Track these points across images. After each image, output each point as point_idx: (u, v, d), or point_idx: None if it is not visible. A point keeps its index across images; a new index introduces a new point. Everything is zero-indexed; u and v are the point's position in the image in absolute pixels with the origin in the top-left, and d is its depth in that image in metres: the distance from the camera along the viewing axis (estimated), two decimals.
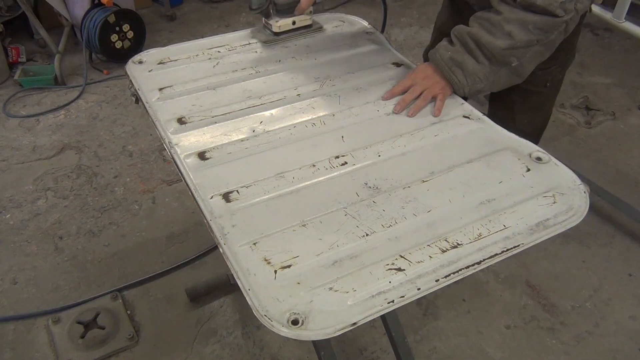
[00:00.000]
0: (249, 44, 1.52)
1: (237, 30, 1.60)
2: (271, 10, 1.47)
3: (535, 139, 1.66)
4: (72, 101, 3.00)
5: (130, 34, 3.29)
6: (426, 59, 1.81)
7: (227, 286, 1.99)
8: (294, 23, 1.51)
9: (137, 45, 3.36)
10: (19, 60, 3.27)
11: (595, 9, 2.38)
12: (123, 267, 2.10)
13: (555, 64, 1.51)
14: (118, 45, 3.26)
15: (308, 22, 1.54)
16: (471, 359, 1.84)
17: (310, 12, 1.52)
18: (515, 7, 1.20)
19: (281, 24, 1.49)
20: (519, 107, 1.59)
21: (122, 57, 3.23)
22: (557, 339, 1.91)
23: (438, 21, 1.76)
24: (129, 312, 1.94)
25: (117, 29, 3.22)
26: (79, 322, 1.87)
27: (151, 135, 2.74)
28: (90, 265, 2.11)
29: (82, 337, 1.83)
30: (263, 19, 1.52)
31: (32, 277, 2.05)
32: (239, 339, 1.87)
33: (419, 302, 1.99)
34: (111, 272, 2.08)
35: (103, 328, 1.85)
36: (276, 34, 1.51)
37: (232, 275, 0.89)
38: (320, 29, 1.58)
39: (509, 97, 1.56)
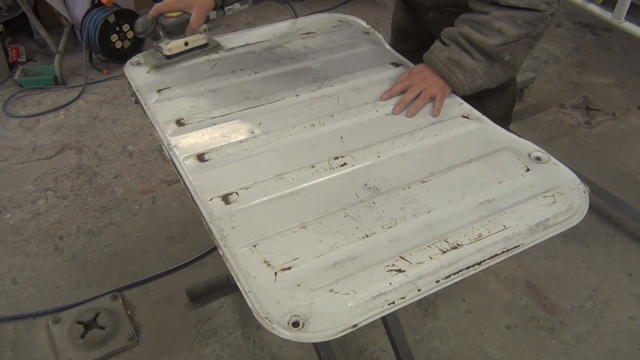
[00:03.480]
0: (247, 44, 1.52)
1: (236, 31, 1.60)
2: (160, 33, 1.38)
3: (506, 120, 1.70)
4: (72, 101, 3.00)
5: (130, 34, 3.29)
6: (392, 28, 1.84)
7: (227, 286, 1.99)
8: (186, 44, 1.42)
9: (137, 45, 3.36)
10: (19, 60, 3.27)
11: (595, 8, 2.38)
12: (123, 267, 2.10)
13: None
14: (118, 45, 3.26)
15: (203, 42, 1.45)
16: (471, 359, 1.85)
17: (205, 30, 1.44)
18: (502, 7, 1.22)
19: (172, 46, 1.40)
20: (486, 92, 1.56)
21: (122, 57, 3.23)
22: (557, 339, 1.91)
23: (394, 21, 1.78)
24: (129, 312, 1.94)
25: (117, 29, 3.21)
26: (79, 322, 1.87)
27: (151, 135, 2.74)
28: (90, 265, 2.11)
29: (82, 337, 1.83)
30: (154, 42, 1.42)
31: (32, 277, 2.05)
32: (239, 339, 1.87)
33: (419, 302, 1.99)
34: (111, 272, 2.08)
35: (103, 328, 1.85)
36: (168, 57, 1.41)
37: (232, 275, 0.89)
38: (217, 47, 1.49)
39: None
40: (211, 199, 1.02)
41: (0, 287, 2.02)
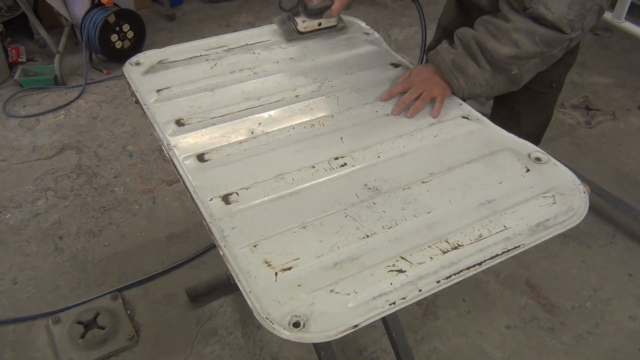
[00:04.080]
0: (247, 44, 1.52)
1: (236, 31, 1.59)
2: (300, 11, 1.47)
3: (537, 140, 1.67)
4: (72, 101, 3.00)
5: (130, 34, 3.29)
6: (438, 27, 1.80)
7: (227, 286, 1.99)
8: (319, 24, 1.51)
9: (137, 45, 3.36)
10: (19, 60, 3.26)
11: None
12: (123, 267, 2.10)
13: (561, 65, 1.51)
14: (118, 45, 3.26)
15: (333, 23, 1.54)
16: (471, 359, 1.85)
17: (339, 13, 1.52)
18: (526, 17, 1.20)
19: (307, 24, 1.49)
20: (524, 108, 1.59)
21: (122, 57, 3.23)
22: (557, 339, 1.91)
23: (443, 20, 1.75)
24: (129, 312, 1.94)
25: (117, 29, 3.21)
26: (79, 322, 1.87)
27: (151, 135, 2.74)
28: (90, 265, 2.11)
29: (82, 337, 1.83)
30: (289, 14, 1.51)
31: (32, 277, 2.05)
32: (239, 339, 1.87)
33: (419, 302, 1.98)
34: (111, 272, 2.08)
35: (103, 328, 1.85)
36: (301, 32, 1.51)
37: (232, 275, 0.89)
38: (344, 27, 1.58)
39: (515, 98, 1.56)
40: (211, 199, 1.02)
41: (0, 287, 2.01)
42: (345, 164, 1.12)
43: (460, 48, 1.28)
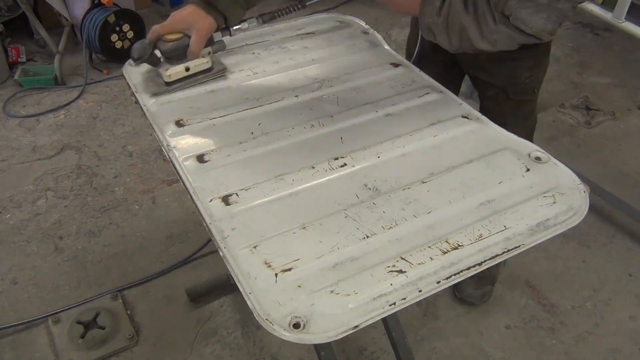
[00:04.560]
0: (246, 45, 1.52)
1: None
2: (160, 58, 1.30)
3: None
4: (72, 101, 3.00)
5: (130, 34, 3.29)
6: (407, 52, 1.77)
7: (227, 286, 1.99)
8: (187, 69, 1.30)
9: None
10: (19, 60, 3.26)
11: (595, 9, 2.38)
12: (123, 267, 2.10)
13: (541, 69, 1.54)
14: (118, 45, 3.25)
15: (206, 66, 1.33)
16: (471, 359, 1.85)
17: (209, 52, 1.34)
18: (509, 26, 1.18)
19: (171, 72, 1.29)
20: (512, 119, 1.56)
21: (122, 57, 3.22)
22: (557, 339, 1.91)
23: (412, 47, 1.66)
24: (129, 312, 1.94)
25: (117, 29, 3.21)
26: (79, 322, 1.87)
27: (151, 135, 2.74)
28: (90, 265, 2.11)
29: (82, 337, 1.83)
30: (151, 70, 1.34)
31: (32, 277, 2.05)
32: (239, 339, 1.87)
33: (418, 302, 1.98)
34: (111, 272, 2.08)
35: (103, 328, 1.85)
36: (168, 83, 1.30)
37: (232, 275, 0.89)
38: (223, 70, 1.37)
39: (502, 111, 1.56)
40: (211, 200, 1.02)
41: (0, 287, 2.02)
42: (345, 164, 1.12)
43: (442, 20, 1.23)
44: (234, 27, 1.32)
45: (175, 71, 1.29)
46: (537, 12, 1.13)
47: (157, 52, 1.30)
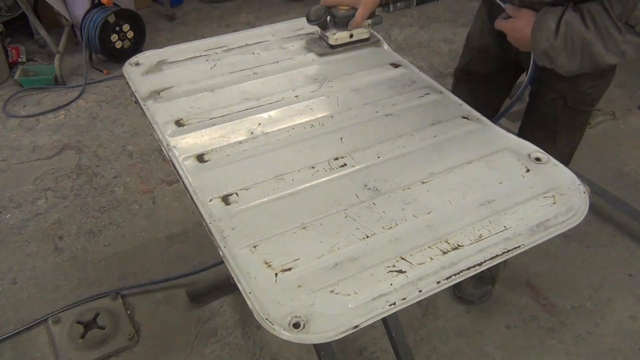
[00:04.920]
0: (247, 45, 1.52)
1: (236, 31, 1.59)
2: (329, 23, 1.43)
3: (569, 158, 1.66)
4: (72, 101, 3.00)
5: (130, 34, 3.29)
6: (458, 78, 1.80)
7: (227, 286, 1.99)
8: (351, 36, 1.46)
9: (137, 45, 3.36)
10: (19, 60, 3.27)
11: None
12: (123, 267, 2.10)
13: (605, 81, 1.51)
14: (118, 45, 3.26)
15: (365, 36, 1.49)
16: (471, 359, 1.85)
17: (369, 25, 1.47)
18: (637, 34, 1.16)
19: (338, 36, 1.45)
20: (563, 127, 1.56)
21: (122, 57, 3.23)
22: (557, 339, 1.91)
23: (473, 38, 1.71)
24: (129, 312, 1.94)
25: (117, 29, 3.21)
26: (79, 322, 1.87)
27: (151, 135, 2.74)
28: (90, 265, 2.11)
29: (82, 337, 1.83)
30: (319, 30, 1.47)
31: (32, 277, 2.05)
32: (239, 339, 1.87)
33: (419, 302, 1.98)
34: (111, 272, 2.08)
35: (103, 328, 1.85)
36: (332, 46, 1.46)
37: (232, 275, 0.89)
38: (377, 42, 1.52)
39: (555, 117, 1.55)
40: (211, 200, 1.02)
41: (0, 287, 2.02)
42: (345, 164, 1.12)
43: (560, 40, 1.22)
44: (393, 4, 1.44)
45: (342, 36, 1.45)
46: None
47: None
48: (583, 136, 1.67)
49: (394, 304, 0.85)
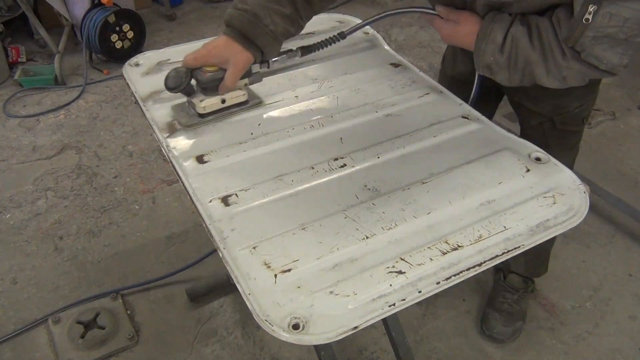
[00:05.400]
0: None
1: None
2: (195, 88, 1.22)
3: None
4: (72, 101, 3.00)
5: (130, 34, 3.29)
6: (442, 74, 1.69)
7: (227, 286, 1.99)
8: (223, 102, 1.23)
9: (137, 45, 3.36)
10: (19, 60, 3.27)
11: None
12: (123, 267, 2.10)
13: (591, 98, 1.45)
14: (118, 45, 3.26)
15: (242, 99, 1.26)
16: (471, 359, 1.85)
17: (245, 84, 1.25)
18: (581, 61, 1.08)
19: (207, 104, 1.21)
20: (556, 150, 1.44)
21: (122, 57, 3.23)
22: (557, 338, 1.91)
23: (448, 69, 1.62)
24: (129, 312, 1.94)
25: (117, 29, 3.21)
26: (79, 322, 1.87)
27: (151, 135, 2.74)
28: (90, 265, 2.11)
29: (82, 337, 1.83)
30: (186, 98, 1.25)
31: (32, 277, 2.05)
32: (239, 339, 1.87)
33: (418, 302, 1.98)
34: (111, 272, 2.08)
35: (103, 328, 1.85)
36: (201, 115, 1.23)
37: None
38: (259, 103, 1.29)
39: (546, 141, 1.44)
40: (210, 201, 1.02)
41: (0, 287, 2.02)
42: (345, 165, 1.12)
43: (504, 58, 1.14)
44: (273, 60, 1.26)
45: (211, 103, 1.22)
46: (613, 47, 1.04)
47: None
48: (579, 150, 1.61)
49: (394, 304, 0.85)
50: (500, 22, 1.14)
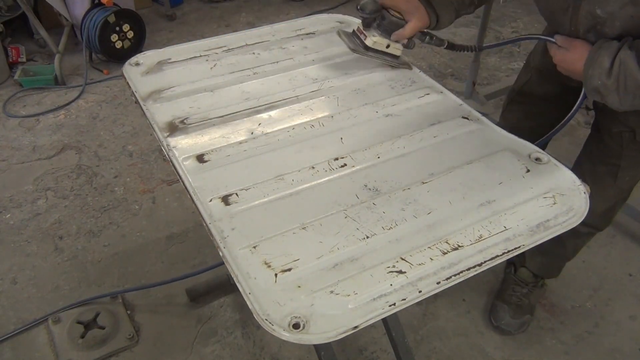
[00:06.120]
0: (247, 45, 1.52)
1: (237, 31, 1.59)
2: (375, 22, 1.33)
3: (627, 195, 1.59)
4: (72, 101, 3.00)
5: (130, 34, 3.29)
6: (511, 99, 1.73)
7: (227, 286, 1.99)
8: (387, 46, 1.35)
9: (137, 45, 3.36)
10: (19, 60, 3.27)
11: None
12: (123, 267, 2.10)
13: None
14: (118, 45, 3.26)
15: (398, 53, 1.39)
16: (471, 359, 1.85)
17: (404, 44, 1.37)
18: None
19: (377, 40, 1.33)
20: (628, 163, 1.46)
21: (122, 57, 3.23)
22: (557, 338, 1.91)
23: (534, 59, 1.64)
24: (129, 312, 1.94)
25: (117, 28, 3.21)
26: (79, 322, 1.87)
27: (151, 135, 2.74)
28: (90, 265, 2.11)
29: (82, 337, 1.83)
30: (358, 26, 1.37)
31: (32, 277, 2.05)
32: (239, 339, 1.87)
33: (418, 302, 1.99)
34: (111, 272, 2.08)
35: (103, 328, 1.85)
36: (367, 47, 1.35)
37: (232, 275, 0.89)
38: (405, 64, 1.44)
39: (618, 153, 1.45)
40: (211, 200, 1.02)
41: (0, 287, 2.01)
42: (345, 165, 1.12)
43: (612, 81, 1.14)
44: (430, 37, 1.35)
45: (380, 41, 1.34)
46: None
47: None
48: None
49: (394, 304, 0.85)
50: (608, 48, 1.14)
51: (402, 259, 0.92)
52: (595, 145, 1.53)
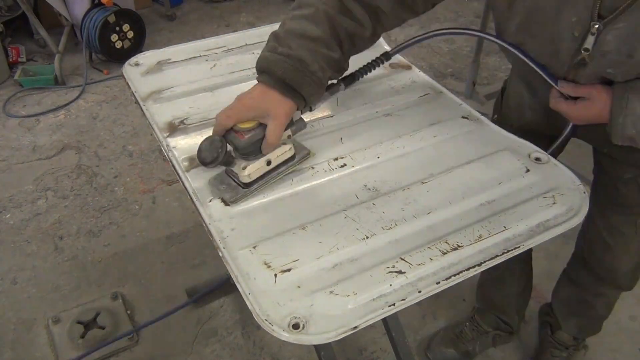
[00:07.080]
0: (246, 45, 1.52)
1: (237, 31, 1.59)
2: (233, 156, 1.02)
3: None
4: (72, 101, 3.00)
5: (130, 34, 3.29)
6: (503, 123, 1.36)
7: (227, 286, 1.99)
8: (269, 163, 1.03)
9: (137, 45, 3.36)
10: (19, 60, 3.27)
11: None
12: (123, 267, 2.10)
13: None
14: (118, 45, 3.26)
15: (289, 154, 1.06)
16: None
17: (289, 136, 1.06)
18: None
19: (251, 170, 1.00)
20: None
21: (122, 57, 3.23)
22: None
23: (513, 120, 1.42)
24: (129, 312, 1.94)
25: (117, 28, 3.22)
26: (79, 322, 1.87)
27: (151, 135, 2.74)
28: (90, 265, 2.11)
29: (82, 337, 1.83)
30: (224, 168, 1.05)
31: (32, 277, 2.06)
32: (239, 339, 1.87)
33: (418, 302, 1.99)
34: (111, 272, 2.08)
35: (103, 328, 1.86)
36: (247, 184, 1.02)
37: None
38: (307, 155, 1.12)
39: (636, 198, 1.31)
40: (210, 201, 1.02)
41: (0, 287, 2.02)
42: (345, 165, 1.12)
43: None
44: (313, 105, 1.09)
45: (256, 168, 1.01)
46: None
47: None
48: None
49: (394, 304, 0.85)
50: (636, 92, 1.02)
51: (402, 259, 0.92)
52: (604, 193, 1.38)
